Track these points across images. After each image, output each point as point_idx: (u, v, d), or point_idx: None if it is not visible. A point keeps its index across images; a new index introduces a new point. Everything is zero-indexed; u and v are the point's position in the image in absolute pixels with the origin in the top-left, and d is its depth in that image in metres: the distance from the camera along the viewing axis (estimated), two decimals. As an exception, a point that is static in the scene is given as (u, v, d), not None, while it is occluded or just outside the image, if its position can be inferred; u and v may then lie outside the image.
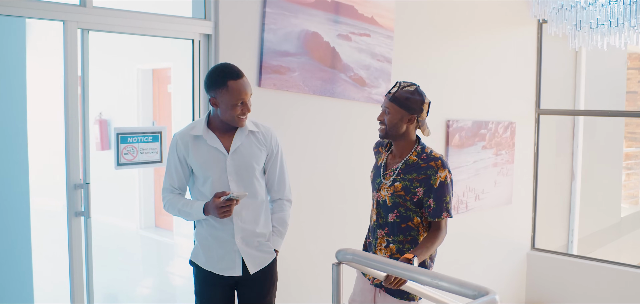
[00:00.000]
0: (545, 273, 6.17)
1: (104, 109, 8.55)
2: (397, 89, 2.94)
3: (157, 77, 8.05)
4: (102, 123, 8.42)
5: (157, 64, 7.86)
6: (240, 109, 2.86)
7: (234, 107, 2.85)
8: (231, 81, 2.83)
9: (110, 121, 8.44)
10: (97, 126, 8.20)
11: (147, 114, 8.05)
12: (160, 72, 7.99)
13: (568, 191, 6.87)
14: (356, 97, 4.39)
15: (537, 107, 6.16)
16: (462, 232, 5.46)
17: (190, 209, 2.90)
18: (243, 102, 2.86)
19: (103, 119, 8.46)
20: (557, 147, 6.88)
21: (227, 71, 2.85)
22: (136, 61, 8.03)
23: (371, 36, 4.45)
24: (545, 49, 6.12)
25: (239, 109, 2.86)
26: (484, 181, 5.62)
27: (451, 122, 5.20)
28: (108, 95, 8.60)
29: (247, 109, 2.89)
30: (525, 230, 6.30)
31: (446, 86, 5.15)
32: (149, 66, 7.98)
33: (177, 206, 2.94)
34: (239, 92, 2.84)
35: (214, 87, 2.85)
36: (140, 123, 7.95)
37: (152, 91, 8.11)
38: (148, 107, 8.07)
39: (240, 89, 2.84)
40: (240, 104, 2.86)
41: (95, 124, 8.53)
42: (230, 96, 2.83)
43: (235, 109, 2.85)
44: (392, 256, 2.97)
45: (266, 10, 3.78)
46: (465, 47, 5.32)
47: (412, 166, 2.93)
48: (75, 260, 3.15)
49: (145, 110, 8.04)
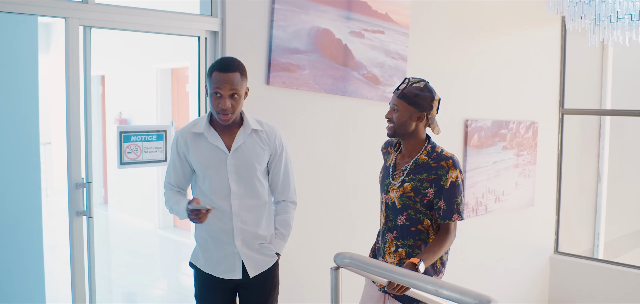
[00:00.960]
0: (569, 277, 5.99)
1: (124, 108, 8.57)
2: (405, 86, 2.83)
3: (175, 77, 8.04)
4: (122, 122, 8.44)
5: (175, 64, 7.84)
6: (217, 102, 2.72)
7: (213, 96, 2.73)
8: (216, 71, 2.72)
9: (130, 121, 8.47)
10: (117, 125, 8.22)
11: (166, 114, 8.05)
12: (179, 72, 7.98)
13: (594, 193, 6.65)
14: (369, 95, 4.28)
15: (561, 106, 5.98)
16: (482, 234, 5.32)
17: (178, 207, 2.82)
18: (220, 95, 2.71)
19: (123, 118, 8.49)
20: (582, 148, 6.67)
21: (218, 62, 2.75)
22: (155, 61, 8.03)
23: (385, 33, 4.34)
24: (569, 46, 5.93)
25: (216, 101, 2.72)
26: (504, 182, 5.46)
27: (470, 121, 5.05)
28: (128, 95, 8.63)
29: (224, 103, 2.71)
30: (548, 233, 6.12)
31: (464, 84, 5.01)
32: (167, 66, 7.98)
33: (169, 203, 2.88)
34: (216, 81, 2.70)
35: (207, 76, 2.78)
36: (159, 123, 7.94)
37: (171, 90, 8.10)
38: (167, 107, 8.07)
39: (219, 79, 2.70)
40: (217, 95, 2.72)
41: (115, 123, 8.56)
42: (211, 85, 2.73)
43: (213, 100, 2.73)
44: (401, 260, 2.85)
45: (275, 7, 3.70)
46: (485, 44, 5.17)
47: (422, 165, 2.81)
48: (77, 260, 3.10)
49: (164, 109, 8.04)
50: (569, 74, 5.98)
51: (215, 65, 2.74)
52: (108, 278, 6.84)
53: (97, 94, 9.22)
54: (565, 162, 6.12)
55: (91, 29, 3.14)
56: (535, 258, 6.01)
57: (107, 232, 8.79)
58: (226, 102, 2.71)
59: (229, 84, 2.69)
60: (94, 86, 9.30)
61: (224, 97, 2.70)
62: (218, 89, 2.69)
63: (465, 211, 5.09)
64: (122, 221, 8.77)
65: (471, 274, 5.28)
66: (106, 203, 9.47)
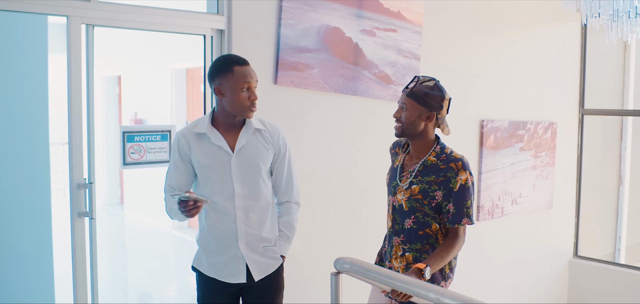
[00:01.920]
0: (589, 282, 5.83)
1: (139, 108, 8.58)
2: (415, 84, 2.73)
3: (190, 77, 8.01)
4: (137, 122, 8.45)
5: (190, 64, 7.82)
6: (247, 95, 2.69)
7: (240, 92, 2.68)
8: (237, 66, 2.69)
9: (145, 121, 8.46)
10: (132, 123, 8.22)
11: (181, 114, 8.02)
12: (193, 72, 7.95)
13: (615, 196, 6.48)
14: (381, 95, 4.19)
15: (581, 106, 5.83)
16: (498, 237, 5.20)
17: (176, 207, 2.74)
18: (249, 88, 2.70)
19: (138, 118, 8.49)
20: (603, 149, 6.51)
21: (233, 57, 2.72)
22: (170, 61, 8.02)
23: (398, 31, 4.24)
24: (590, 45, 5.78)
25: (245, 95, 2.69)
26: (521, 184, 5.33)
27: (486, 122, 4.93)
28: (143, 95, 8.63)
29: (254, 96, 2.71)
30: (568, 236, 5.97)
31: (480, 83, 4.89)
32: (182, 66, 7.95)
33: (169, 205, 2.79)
34: (244, 75, 2.68)
35: (219, 74, 2.69)
36: (174, 123, 7.92)
37: (185, 90, 8.07)
38: (182, 107, 8.04)
39: (246, 73, 2.69)
40: (247, 89, 2.69)
41: (131, 122, 8.57)
42: (236, 81, 2.66)
43: (241, 95, 2.68)
44: (408, 265, 2.75)
45: (283, 4, 3.62)
46: (501, 42, 5.05)
47: (431, 167, 2.71)
48: (79, 261, 3.06)
49: (179, 109, 8.01)
50: (590, 73, 5.82)
51: (233, 61, 2.71)
52: (123, 279, 6.84)
53: (113, 94, 9.24)
54: (586, 164, 5.96)
55: (94, 28, 3.08)
56: (553, 262, 5.87)
57: (123, 232, 8.80)
58: (255, 93, 2.73)
59: (254, 75, 2.73)
60: (111, 86, 9.33)
61: (253, 89, 2.72)
62: (248, 82, 2.69)
63: (481, 213, 4.97)
64: (138, 221, 8.77)
65: (487, 278, 5.17)
66: (122, 203, 9.48)
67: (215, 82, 2.71)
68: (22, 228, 4.37)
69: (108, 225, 8.93)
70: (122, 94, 9.14)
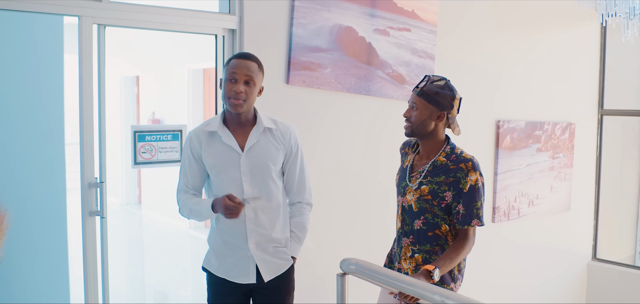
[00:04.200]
0: (608, 285, 5.73)
1: (157, 108, 8.63)
2: (425, 83, 2.70)
3: (207, 77, 8.04)
4: (155, 122, 8.50)
5: (207, 64, 7.84)
6: (231, 87, 2.64)
7: (227, 82, 2.66)
8: (234, 58, 2.68)
9: (162, 120, 8.51)
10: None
11: (198, 114, 8.05)
12: (211, 72, 7.97)
13: (636, 198, 6.37)
14: (395, 95, 4.16)
15: (600, 107, 5.74)
16: (514, 239, 5.13)
17: (200, 207, 2.72)
18: (235, 80, 2.64)
19: (156, 118, 8.54)
20: (623, 150, 6.40)
21: (238, 52, 2.72)
22: (187, 61, 8.05)
23: (412, 31, 4.20)
24: (609, 45, 5.68)
25: (229, 87, 2.65)
26: (538, 185, 5.26)
27: (502, 122, 4.87)
28: (161, 95, 8.68)
29: (238, 87, 2.63)
30: (586, 239, 5.88)
31: (496, 83, 4.84)
32: (199, 66, 7.98)
33: (188, 205, 2.77)
34: (232, 66, 2.65)
35: (223, 71, 2.71)
36: (191, 123, 7.95)
37: (203, 90, 8.10)
38: (198, 107, 8.07)
39: (235, 65, 2.65)
40: (233, 81, 2.64)
41: (148, 122, 8.62)
42: (227, 72, 2.66)
43: (227, 85, 2.66)
44: (418, 267, 2.72)
45: (295, 4, 3.61)
46: (518, 41, 4.98)
47: (441, 167, 2.68)
48: (89, 261, 3.07)
49: (196, 109, 8.04)
50: (609, 73, 5.73)
51: (234, 55, 2.71)
52: (141, 280, 6.87)
53: (132, 94, 9.31)
54: (605, 165, 5.87)
55: (105, 28, 3.10)
56: (571, 265, 5.78)
57: (140, 231, 8.85)
58: (239, 86, 2.64)
59: (245, 69, 2.65)
60: (129, 87, 9.40)
61: (239, 82, 2.64)
62: (234, 74, 2.64)
63: (497, 214, 4.92)
64: (155, 221, 8.82)
65: (503, 281, 5.10)
66: (140, 203, 9.54)
67: (222, 77, 2.71)
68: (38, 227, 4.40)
69: (126, 224, 8.99)
70: (141, 94, 9.21)
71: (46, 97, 4.39)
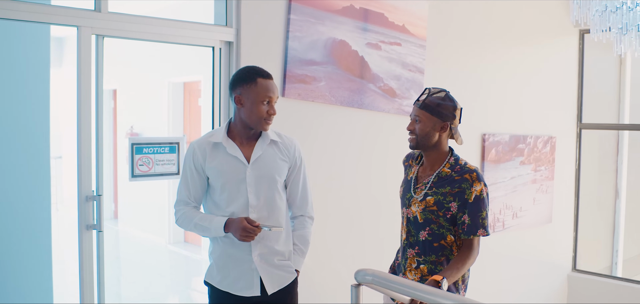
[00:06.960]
0: (588, 295, 5.83)
1: (136, 122, 8.52)
2: (426, 96, 2.74)
3: (188, 91, 7.98)
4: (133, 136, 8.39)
5: (188, 77, 7.79)
6: (266, 109, 2.70)
7: (260, 104, 2.68)
8: (261, 78, 2.70)
9: (141, 135, 8.41)
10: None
11: (178, 128, 7.98)
12: (191, 85, 7.92)
13: (612, 209, 6.51)
14: (386, 108, 4.19)
15: (579, 121, 5.86)
16: (499, 251, 5.19)
17: (208, 224, 2.70)
18: (270, 102, 2.71)
19: (134, 132, 8.43)
20: (601, 163, 6.54)
21: (258, 69, 2.74)
22: (167, 74, 7.98)
23: (402, 45, 4.25)
24: (587, 59, 5.82)
25: (264, 108, 2.69)
26: (522, 198, 5.34)
27: (487, 135, 4.95)
28: (140, 109, 8.58)
29: (273, 111, 2.72)
30: (566, 250, 5.98)
31: (482, 97, 4.91)
32: (180, 79, 7.92)
33: (193, 220, 2.74)
34: (267, 89, 2.70)
35: (242, 83, 2.69)
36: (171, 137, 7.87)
37: (183, 104, 8.03)
38: (179, 121, 8.00)
39: (269, 87, 2.71)
40: (267, 102, 2.70)
41: (126, 137, 8.51)
42: (258, 93, 2.67)
43: (260, 107, 2.68)
44: (423, 278, 2.74)
45: (291, 17, 3.62)
46: (502, 57, 5.07)
47: (445, 178, 2.71)
48: (86, 275, 3.01)
49: (176, 123, 7.97)
50: (587, 87, 5.86)
51: (258, 73, 2.72)
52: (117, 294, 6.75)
53: (108, 108, 9.17)
54: (583, 177, 5.99)
55: (104, 38, 3.06)
56: (553, 276, 5.87)
57: (117, 246, 8.70)
58: (274, 108, 2.74)
59: (276, 91, 2.74)
60: (106, 100, 9.26)
61: (273, 104, 2.74)
62: (269, 96, 2.71)
63: (483, 227, 4.96)
64: (132, 236, 8.69)
65: (487, 293, 5.15)
66: (116, 218, 9.39)
67: (236, 91, 2.70)
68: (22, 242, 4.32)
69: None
70: (118, 107, 9.08)
71: (32, 111, 4.32)
